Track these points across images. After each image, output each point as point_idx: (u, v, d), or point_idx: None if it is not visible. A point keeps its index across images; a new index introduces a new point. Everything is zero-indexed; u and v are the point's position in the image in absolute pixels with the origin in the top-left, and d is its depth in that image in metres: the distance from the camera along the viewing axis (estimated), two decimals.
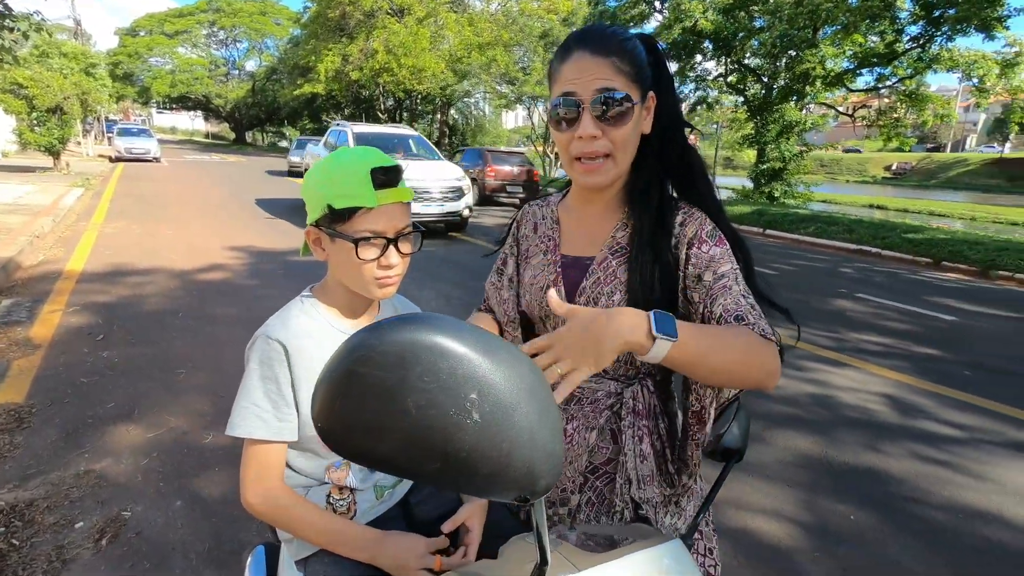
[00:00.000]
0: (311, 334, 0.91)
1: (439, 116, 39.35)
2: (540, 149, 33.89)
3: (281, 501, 0.88)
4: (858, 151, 53.53)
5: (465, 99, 39.61)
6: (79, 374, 3.33)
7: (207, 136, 78.80)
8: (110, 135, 25.73)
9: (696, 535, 0.94)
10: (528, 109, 34.94)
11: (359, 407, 0.41)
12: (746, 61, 16.72)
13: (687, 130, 0.99)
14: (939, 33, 13.50)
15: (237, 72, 50.45)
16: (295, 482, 0.94)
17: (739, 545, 2.14)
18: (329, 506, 0.93)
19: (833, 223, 11.13)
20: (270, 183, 16.56)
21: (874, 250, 9.40)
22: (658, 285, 0.90)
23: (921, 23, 13.79)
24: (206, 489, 2.36)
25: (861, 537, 2.23)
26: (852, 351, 4.40)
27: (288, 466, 0.94)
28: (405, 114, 41.90)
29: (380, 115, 40.18)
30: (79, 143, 24.47)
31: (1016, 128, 20.29)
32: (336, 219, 0.85)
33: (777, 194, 15.78)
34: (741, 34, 15.71)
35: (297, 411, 0.89)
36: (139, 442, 2.68)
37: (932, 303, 6.07)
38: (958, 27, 12.78)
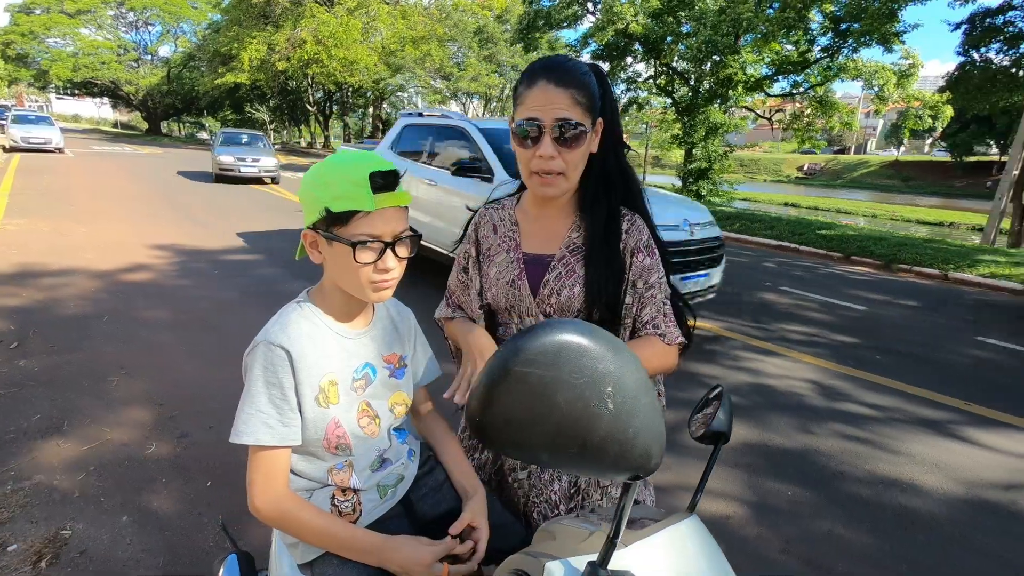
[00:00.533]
0: (311, 338, 0.91)
1: (372, 110, 38.43)
2: None
3: (289, 506, 0.87)
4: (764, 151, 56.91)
5: (399, 93, 38.87)
6: None
7: (116, 125, 73.06)
8: (2, 122, 23.32)
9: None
10: (463, 105, 34.78)
11: (516, 403, 0.46)
12: (674, 64, 17.40)
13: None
14: (846, 45, 14.60)
15: (150, 57, 47.07)
16: (298, 485, 0.94)
17: None
18: (335, 508, 0.93)
19: (756, 220, 11.83)
20: (194, 175, 15.61)
21: (792, 246, 10.07)
22: (610, 283, 1.05)
23: (830, 35, 14.86)
24: (154, 503, 2.25)
25: (798, 511, 2.44)
26: (779, 340, 4.73)
27: (291, 470, 0.93)
28: (335, 107, 40.61)
29: (308, 107, 38.74)
30: None
31: (909, 133, 22.29)
32: (334, 222, 0.85)
33: (704, 192, 16.55)
34: (669, 38, 16.33)
35: (300, 415, 0.89)
36: (72, 456, 2.50)
37: (845, 294, 6.60)
38: (862, 40, 13.87)
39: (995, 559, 2.21)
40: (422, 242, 2.94)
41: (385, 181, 0.85)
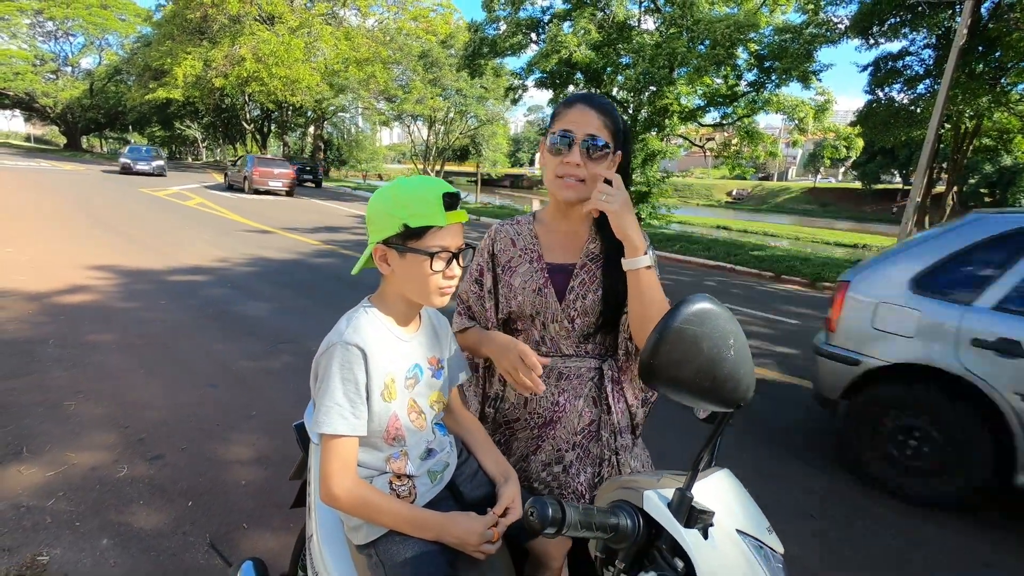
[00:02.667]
0: (378, 339, 1.01)
1: (313, 130, 37.81)
2: (420, 167, 33.87)
3: (364, 492, 0.97)
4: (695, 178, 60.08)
5: (341, 114, 38.49)
6: None
7: (28, 139, 68.22)
8: None
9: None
10: (408, 127, 34.82)
11: (674, 349, 0.64)
12: (614, 93, 18.25)
13: None
14: (769, 81, 15.84)
15: (70, 69, 44.50)
16: (359, 474, 1.03)
17: None
18: (393, 492, 1.03)
19: (694, 242, 12.51)
20: (121, 194, 14.86)
21: (729, 266, 10.73)
22: (623, 288, 1.20)
23: (755, 71, 16.08)
24: (134, 523, 2.20)
25: None
26: None
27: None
28: (273, 126, 39.64)
29: (245, 124, 37.66)
30: None
31: (829, 162, 24.29)
32: (409, 237, 0.97)
33: (643, 215, 17.31)
34: (609, 69, 17.18)
35: (368, 408, 0.99)
36: (38, 482, 2.41)
37: (780, 310, 7.13)
38: (783, 77, 15.11)
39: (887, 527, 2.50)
40: None
41: (451, 201, 0.98)
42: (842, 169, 57.98)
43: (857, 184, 47.38)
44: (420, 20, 31.37)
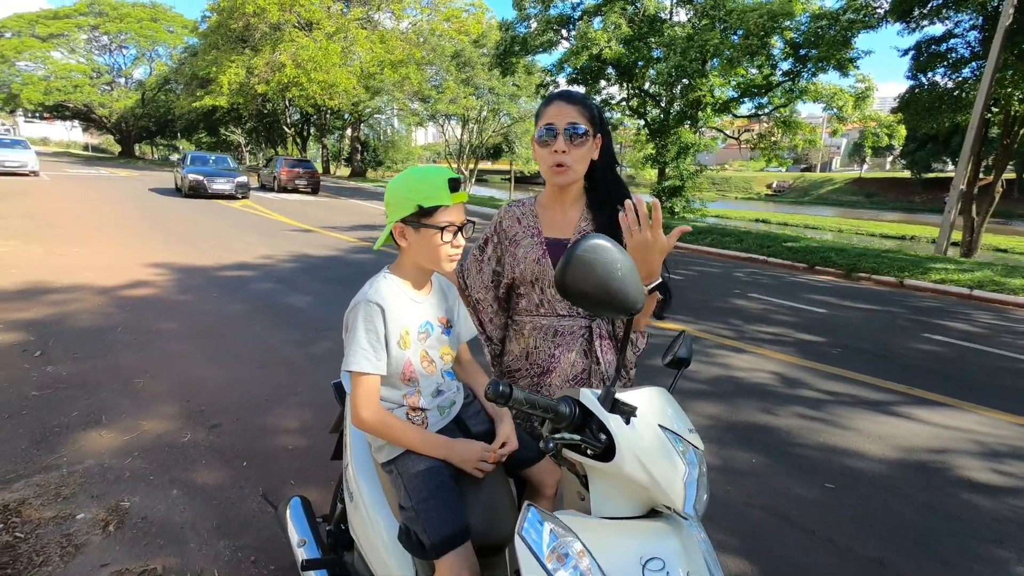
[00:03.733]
0: (394, 298, 1.26)
1: (351, 132, 38.78)
2: (454, 166, 34.34)
3: (385, 416, 1.22)
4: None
5: (377, 116, 39.34)
6: (28, 388, 3.30)
7: (86, 148, 72.12)
8: None
9: None
10: (441, 127, 35.36)
11: (576, 270, 0.87)
12: (646, 87, 18.20)
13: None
14: (805, 69, 15.53)
15: (124, 80, 46.90)
16: (385, 406, 1.28)
17: None
18: (409, 420, 1.28)
19: (727, 235, 12.45)
20: (176, 199, 15.74)
21: (761, 257, 10.67)
22: None
23: (791, 60, 15.78)
24: (199, 479, 2.53)
25: (759, 474, 2.82)
26: (748, 340, 5.17)
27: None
28: (312, 129, 40.91)
29: (286, 129, 39.00)
30: None
31: (871, 151, 23.51)
32: (423, 215, 1.22)
33: (677, 209, 17.24)
34: (641, 63, 17.14)
35: (387, 354, 1.24)
36: (116, 445, 2.77)
37: (809, 299, 7.13)
38: (820, 65, 14.80)
39: (923, 505, 2.61)
40: None
41: (455, 185, 1.22)
42: (889, 158, 55.83)
43: (906, 173, 45.52)
44: (453, 20, 31.84)
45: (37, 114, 45.26)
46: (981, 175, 14.40)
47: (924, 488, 2.77)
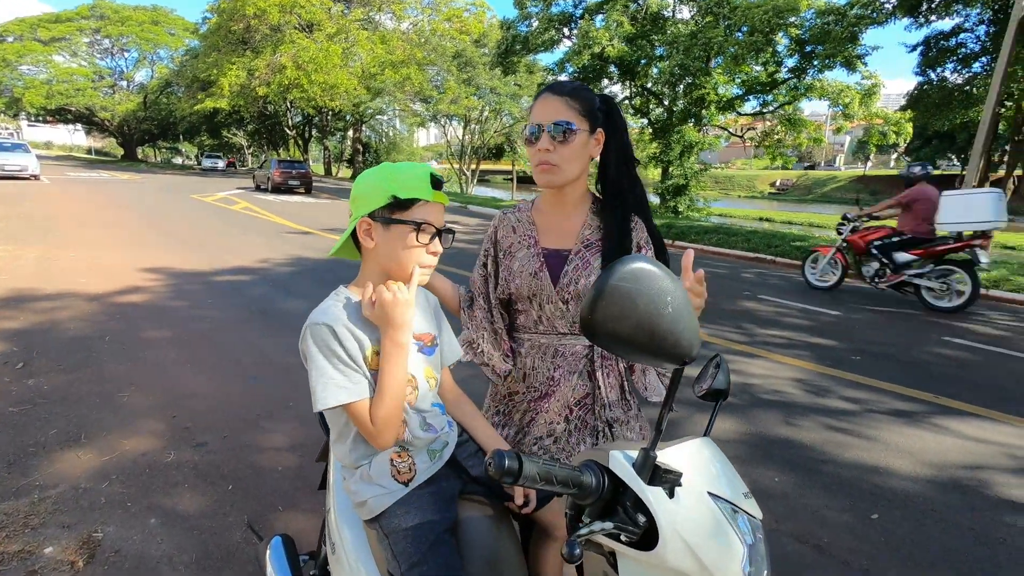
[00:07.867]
0: (345, 315, 1.04)
1: (352, 133, 38.64)
2: (456, 166, 34.16)
3: (385, 418, 1.03)
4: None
5: (378, 117, 39.17)
6: (6, 404, 3.13)
7: (89, 151, 72.17)
8: None
9: None
10: (443, 127, 35.16)
11: (611, 305, 0.66)
12: (649, 86, 17.98)
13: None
14: (811, 66, 15.29)
15: (126, 84, 46.87)
16: (361, 452, 1.09)
17: None
18: (393, 467, 1.08)
19: (733, 234, 12.21)
20: (174, 200, 15.60)
21: (769, 257, 10.44)
22: None
23: (796, 56, 15.55)
24: (180, 505, 2.35)
25: (785, 494, 2.63)
26: (761, 344, 4.97)
27: (353, 441, 1.09)
28: (314, 131, 40.74)
29: (287, 130, 38.84)
30: None
31: (875, 149, 23.26)
32: (396, 209, 1.02)
33: (681, 208, 17.01)
34: (644, 61, 16.92)
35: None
36: (94, 466, 2.60)
37: (821, 301, 6.91)
38: (826, 62, 14.55)
39: (963, 529, 2.41)
40: None
41: (436, 183, 1.04)
42: (894, 155, 55.39)
43: None
44: (454, 20, 31.65)
45: (40, 118, 45.31)
46: (990, 172, 14.16)
47: (962, 510, 2.56)
